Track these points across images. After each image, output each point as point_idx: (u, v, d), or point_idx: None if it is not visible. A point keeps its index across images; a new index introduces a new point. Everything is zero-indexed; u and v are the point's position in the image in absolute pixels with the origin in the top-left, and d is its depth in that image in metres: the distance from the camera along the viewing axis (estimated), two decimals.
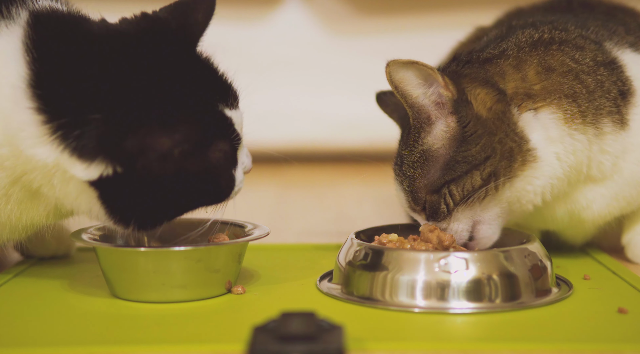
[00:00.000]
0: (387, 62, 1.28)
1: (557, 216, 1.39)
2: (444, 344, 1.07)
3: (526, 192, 1.31)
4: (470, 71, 1.32)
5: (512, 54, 1.34)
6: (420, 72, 1.27)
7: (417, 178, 1.31)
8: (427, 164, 1.30)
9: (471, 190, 1.28)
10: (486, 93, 1.30)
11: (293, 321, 0.99)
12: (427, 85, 1.28)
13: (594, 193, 1.37)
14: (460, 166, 1.28)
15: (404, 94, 1.29)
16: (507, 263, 1.21)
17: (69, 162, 1.12)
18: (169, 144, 1.13)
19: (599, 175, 1.35)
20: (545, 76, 1.32)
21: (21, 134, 1.13)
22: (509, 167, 1.28)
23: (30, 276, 1.39)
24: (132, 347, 1.06)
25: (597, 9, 1.57)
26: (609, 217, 1.41)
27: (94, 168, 1.12)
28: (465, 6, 2.81)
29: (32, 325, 1.15)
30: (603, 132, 1.32)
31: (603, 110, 1.32)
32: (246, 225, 1.37)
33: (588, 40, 1.37)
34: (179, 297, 1.23)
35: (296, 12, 2.90)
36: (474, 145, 1.28)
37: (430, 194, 1.30)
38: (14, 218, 1.25)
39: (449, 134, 1.29)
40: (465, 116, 1.28)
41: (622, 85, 1.34)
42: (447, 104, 1.29)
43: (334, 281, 1.30)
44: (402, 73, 1.28)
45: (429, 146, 1.30)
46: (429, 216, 1.32)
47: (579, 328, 1.14)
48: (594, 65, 1.34)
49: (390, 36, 2.89)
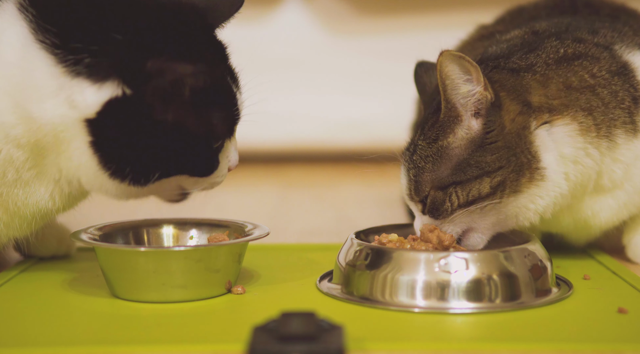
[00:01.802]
0: (441, 52, 1.26)
1: (562, 225, 1.40)
2: (444, 344, 1.07)
3: (527, 210, 1.30)
4: (499, 77, 1.32)
5: (539, 70, 1.33)
6: (467, 68, 1.26)
7: (426, 171, 1.30)
8: (440, 161, 1.29)
9: (477, 196, 1.28)
10: (512, 102, 1.29)
11: (293, 321, 0.99)
12: (470, 83, 1.27)
13: (602, 203, 1.37)
14: (471, 170, 1.28)
15: (448, 87, 1.27)
16: (507, 263, 1.21)
17: (80, 88, 1.14)
18: (188, 70, 1.15)
19: (609, 185, 1.35)
20: (566, 93, 1.31)
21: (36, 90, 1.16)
22: (516, 181, 1.28)
23: (30, 276, 1.39)
24: (132, 347, 1.06)
25: (601, 10, 1.57)
26: (617, 223, 1.41)
27: (106, 89, 1.14)
28: (465, 6, 2.81)
29: (32, 325, 1.15)
30: (616, 144, 1.32)
31: (617, 121, 1.32)
32: (246, 225, 1.37)
33: (601, 48, 1.37)
34: (179, 297, 1.23)
35: (296, 12, 2.90)
36: (490, 154, 1.27)
37: (435, 190, 1.30)
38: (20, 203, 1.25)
39: (470, 136, 1.28)
40: (493, 122, 1.28)
41: (634, 91, 1.35)
42: (481, 106, 1.28)
43: (334, 281, 1.30)
44: (452, 66, 1.26)
45: (449, 144, 1.29)
46: (427, 211, 1.32)
47: (579, 328, 1.14)
48: (609, 77, 1.34)
49: (390, 36, 2.89)
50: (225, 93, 1.23)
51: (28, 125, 1.18)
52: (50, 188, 1.25)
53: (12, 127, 1.19)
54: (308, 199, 2.35)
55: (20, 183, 1.23)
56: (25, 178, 1.23)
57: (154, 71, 1.14)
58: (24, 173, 1.22)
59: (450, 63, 1.26)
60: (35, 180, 1.23)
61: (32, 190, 1.24)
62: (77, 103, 1.15)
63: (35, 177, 1.23)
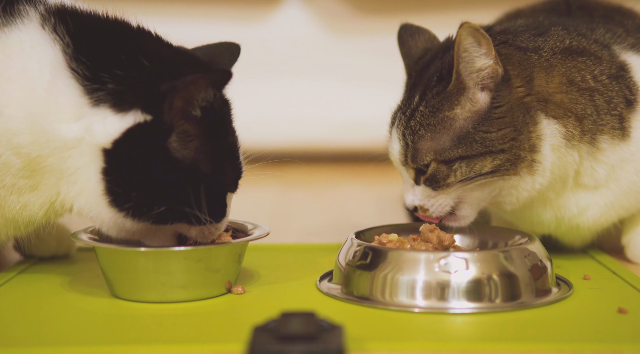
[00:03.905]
0: (462, 24, 1.25)
1: (544, 221, 1.40)
2: (444, 344, 1.07)
3: (520, 189, 1.31)
4: (506, 52, 1.32)
5: (545, 55, 1.33)
6: (480, 41, 1.26)
7: (427, 140, 1.30)
8: (442, 130, 1.29)
9: (479, 172, 1.28)
10: (517, 78, 1.30)
11: (293, 321, 0.99)
12: (484, 57, 1.27)
13: (587, 200, 1.37)
14: (476, 146, 1.28)
15: (463, 60, 1.27)
16: (507, 263, 1.21)
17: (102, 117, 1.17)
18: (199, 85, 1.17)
19: (592, 183, 1.36)
20: (567, 89, 1.32)
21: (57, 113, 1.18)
22: (513, 166, 1.29)
23: (30, 276, 1.39)
24: (132, 347, 1.06)
25: (595, 12, 1.58)
26: (606, 224, 1.42)
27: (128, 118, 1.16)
28: (465, 6, 2.81)
29: (32, 325, 1.15)
30: (598, 149, 1.34)
31: (605, 127, 1.33)
32: (246, 225, 1.37)
33: (600, 46, 1.38)
34: (179, 297, 1.23)
35: (296, 12, 2.90)
36: (496, 130, 1.28)
37: (438, 163, 1.30)
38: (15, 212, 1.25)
39: (476, 108, 1.28)
40: (502, 97, 1.28)
41: (629, 94, 1.35)
42: (491, 80, 1.28)
43: (334, 281, 1.30)
44: (470, 40, 1.26)
45: (455, 115, 1.29)
46: (426, 181, 1.32)
47: (579, 328, 1.14)
48: (608, 83, 1.35)
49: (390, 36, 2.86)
50: (233, 142, 1.25)
51: (36, 137, 1.19)
52: (45, 208, 1.25)
53: (17, 134, 1.19)
54: (308, 199, 2.35)
55: (15, 189, 1.23)
56: (20, 185, 1.23)
57: (167, 90, 1.16)
58: (19, 180, 1.22)
59: (469, 36, 1.26)
60: (29, 192, 1.24)
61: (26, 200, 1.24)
62: (96, 131, 1.17)
63: (29, 189, 1.23)
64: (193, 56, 1.27)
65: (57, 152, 1.19)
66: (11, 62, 1.20)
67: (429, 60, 1.38)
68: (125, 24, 1.27)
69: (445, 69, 1.30)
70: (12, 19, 1.22)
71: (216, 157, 1.21)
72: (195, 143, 1.19)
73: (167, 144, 1.18)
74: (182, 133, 1.18)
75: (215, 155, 1.21)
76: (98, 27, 1.25)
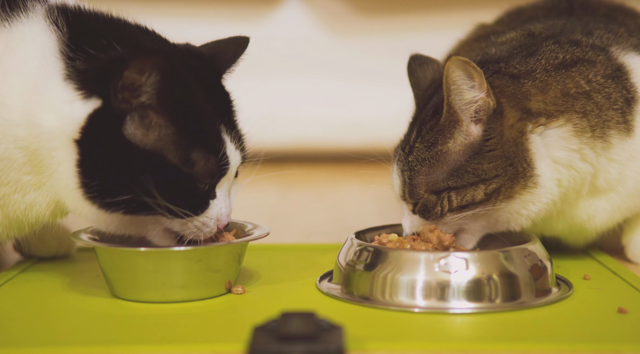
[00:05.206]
0: (450, 57, 1.25)
1: (557, 229, 1.41)
2: (444, 344, 1.07)
3: (518, 215, 1.31)
4: (500, 83, 1.31)
5: (539, 77, 1.33)
6: (471, 74, 1.25)
7: (422, 174, 1.30)
8: (437, 165, 1.29)
9: (471, 201, 1.28)
10: (512, 109, 1.30)
11: (293, 321, 0.99)
12: (474, 89, 1.26)
13: (596, 207, 1.37)
14: (468, 176, 1.28)
15: (452, 93, 1.27)
16: (507, 263, 1.21)
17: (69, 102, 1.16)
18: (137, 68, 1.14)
19: (605, 186, 1.35)
20: (562, 99, 1.32)
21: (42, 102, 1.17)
22: (510, 188, 1.28)
23: (30, 276, 1.39)
24: (132, 347, 1.06)
25: (597, 11, 1.57)
26: (612, 226, 1.42)
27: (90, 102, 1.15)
28: (465, 6, 2.81)
29: (32, 325, 1.15)
30: (610, 144, 1.33)
31: (611, 122, 1.33)
32: (246, 225, 1.37)
33: (597, 50, 1.37)
34: (179, 297, 1.23)
35: (296, 11, 2.90)
36: (488, 162, 1.27)
37: (429, 193, 1.30)
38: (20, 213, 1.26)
39: (469, 141, 1.28)
40: (493, 129, 1.28)
41: (627, 93, 1.35)
42: (483, 113, 1.28)
43: (334, 281, 1.30)
44: (459, 72, 1.25)
45: (448, 149, 1.29)
46: (417, 211, 1.32)
47: (579, 328, 1.14)
48: (603, 81, 1.34)
49: (390, 36, 2.89)
50: (213, 135, 1.20)
51: (30, 129, 1.19)
52: (52, 207, 1.26)
53: (16, 126, 1.19)
54: (308, 199, 2.35)
55: (20, 187, 1.23)
56: (24, 182, 1.23)
57: (110, 74, 1.15)
58: (23, 176, 1.22)
59: (457, 68, 1.25)
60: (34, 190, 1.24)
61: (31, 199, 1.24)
62: (65, 116, 1.16)
63: (34, 187, 1.23)
64: (176, 46, 1.26)
65: (45, 143, 1.18)
66: (13, 53, 1.21)
67: (432, 92, 1.37)
68: (122, 20, 1.26)
69: (440, 103, 1.30)
70: (18, 13, 1.22)
71: (184, 146, 1.17)
72: (157, 131, 1.16)
73: (122, 130, 1.16)
74: (136, 119, 1.16)
75: (182, 144, 1.17)
76: (95, 20, 1.25)
